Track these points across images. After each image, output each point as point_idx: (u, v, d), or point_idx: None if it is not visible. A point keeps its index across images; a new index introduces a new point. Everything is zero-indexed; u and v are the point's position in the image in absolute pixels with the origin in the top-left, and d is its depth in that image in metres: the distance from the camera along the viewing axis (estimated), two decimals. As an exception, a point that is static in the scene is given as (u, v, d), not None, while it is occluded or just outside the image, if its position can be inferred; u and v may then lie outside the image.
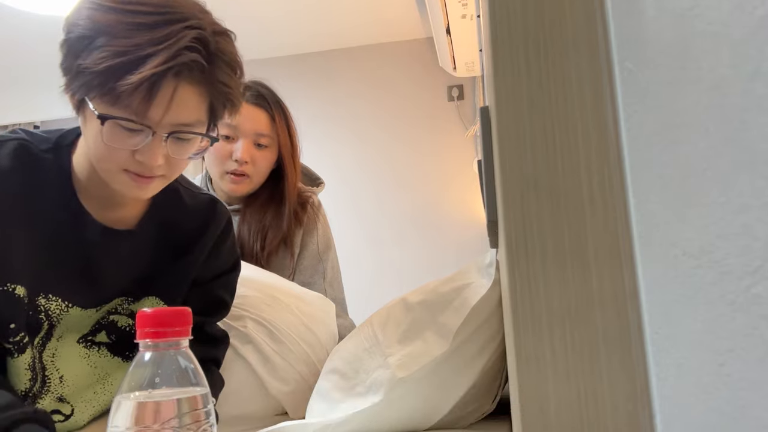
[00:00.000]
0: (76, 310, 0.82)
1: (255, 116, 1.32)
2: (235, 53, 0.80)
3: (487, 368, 0.77)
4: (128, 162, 0.75)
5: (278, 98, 1.39)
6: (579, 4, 0.48)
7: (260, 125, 1.32)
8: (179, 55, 0.69)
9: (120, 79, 0.68)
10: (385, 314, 0.88)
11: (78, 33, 0.69)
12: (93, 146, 0.75)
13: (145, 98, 0.69)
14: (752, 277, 0.27)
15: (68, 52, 0.71)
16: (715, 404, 0.32)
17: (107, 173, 0.77)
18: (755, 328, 0.27)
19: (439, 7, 2.36)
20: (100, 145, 0.73)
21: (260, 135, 1.32)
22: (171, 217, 0.90)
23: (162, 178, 0.79)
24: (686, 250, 0.35)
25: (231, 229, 0.99)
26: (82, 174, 0.82)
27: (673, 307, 0.38)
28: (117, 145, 0.73)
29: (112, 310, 0.87)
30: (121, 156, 0.74)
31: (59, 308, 0.81)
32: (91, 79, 0.69)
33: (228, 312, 1.00)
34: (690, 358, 0.35)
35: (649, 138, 0.40)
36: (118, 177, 0.76)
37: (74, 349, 0.85)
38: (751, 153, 0.26)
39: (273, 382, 1.00)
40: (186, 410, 0.48)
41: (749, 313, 0.27)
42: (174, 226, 0.90)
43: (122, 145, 0.73)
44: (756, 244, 0.26)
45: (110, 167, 0.76)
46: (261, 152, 1.32)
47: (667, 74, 0.36)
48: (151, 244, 0.88)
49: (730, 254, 0.29)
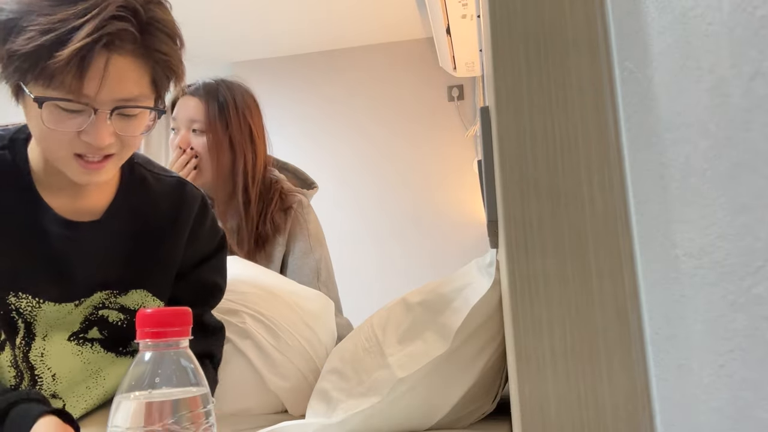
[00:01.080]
0: (50, 306, 0.80)
1: (187, 104, 1.35)
2: (172, 21, 0.77)
3: (487, 368, 0.77)
4: (76, 145, 0.73)
5: (221, 89, 1.37)
6: (579, 4, 0.48)
7: (191, 112, 1.34)
8: (106, 24, 0.67)
9: (50, 57, 0.65)
10: (385, 314, 0.88)
11: (4, 17, 0.67)
12: (38, 133, 0.74)
13: (77, 74, 0.67)
14: (753, 278, 0.27)
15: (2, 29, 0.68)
16: (715, 405, 0.32)
17: (58, 161, 0.75)
18: (756, 329, 0.27)
19: (439, 7, 2.36)
20: (44, 130, 0.71)
21: (193, 121, 1.34)
22: (140, 205, 0.88)
23: (115, 158, 0.76)
24: (687, 251, 0.35)
25: (207, 209, 0.96)
26: (39, 166, 0.80)
27: (674, 307, 0.38)
28: (59, 128, 0.71)
29: (99, 305, 0.85)
30: (66, 140, 0.72)
31: (30, 305, 0.80)
32: (22, 62, 0.67)
33: (222, 295, 0.98)
34: (690, 358, 0.35)
35: (649, 138, 0.40)
36: (69, 164, 0.74)
37: (66, 347, 0.84)
38: (751, 153, 0.26)
39: (272, 378, 0.99)
40: (186, 410, 0.48)
41: (750, 313, 0.27)
42: (144, 213, 0.88)
43: (65, 128, 0.71)
44: (757, 244, 0.26)
45: (59, 154, 0.74)
46: (199, 139, 1.34)
47: (667, 74, 0.36)
48: (122, 235, 0.86)
49: (730, 254, 0.29)
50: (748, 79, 0.26)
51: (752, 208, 0.26)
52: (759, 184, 0.26)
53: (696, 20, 0.31)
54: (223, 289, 0.98)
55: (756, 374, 0.27)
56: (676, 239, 0.36)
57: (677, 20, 0.34)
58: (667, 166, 0.37)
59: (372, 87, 3.59)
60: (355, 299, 2.79)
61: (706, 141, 0.31)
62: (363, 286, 3.17)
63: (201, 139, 1.34)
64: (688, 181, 0.34)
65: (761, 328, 0.26)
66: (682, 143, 0.34)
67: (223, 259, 0.99)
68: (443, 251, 3.33)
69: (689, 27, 0.32)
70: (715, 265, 0.31)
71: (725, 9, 0.28)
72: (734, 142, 0.28)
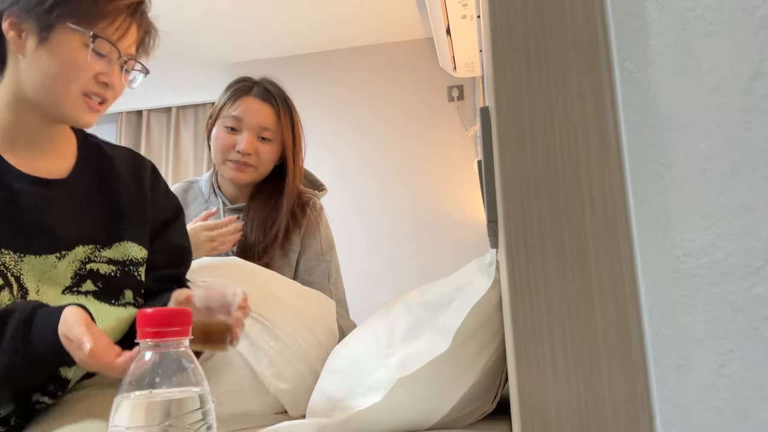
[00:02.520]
0: (31, 258, 0.84)
1: (260, 110, 1.36)
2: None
3: (487, 368, 0.77)
4: (90, 84, 0.86)
5: (286, 96, 1.43)
6: (579, 4, 0.48)
7: (264, 119, 1.36)
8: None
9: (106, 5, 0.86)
10: (385, 314, 0.88)
11: None
12: (56, 72, 0.84)
13: (127, 25, 0.89)
14: (753, 278, 0.27)
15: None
16: (715, 405, 0.32)
17: (66, 100, 0.86)
18: (756, 329, 0.27)
19: (440, 7, 2.36)
20: (69, 68, 0.84)
21: (264, 129, 1.36)
22: (101, 167, 0.96)
23: (108, 104, 0.90)
24: (687, 251, 0.35)
25: (158, 174, 1.05)
26: (2, 126, 0.87)
27: (674, 307, 0.38)
28: (88, 66, 0.85)
29: (85, 259, 0.89)
30: (84, 77, 0.86)
31: (13, 260, 0.83)
32: (82, 6, 0.84)
33: (191, 259, 1.05)
34: (690, 359, 0.35)
35: (649, 138, 0.40)
36: (77, 102, 0.86)
37: (62, 300, 0.86)
38: (751, 153, 0.26)
39: (272, 380, 0.99)
40: (186, 410, 0.48)
41: (750, 313, 0.27)
42: (107, 174, 0.96)
43: (92, 67, 0.86)
44: (757, 244, 0.26)
45: (72, 92, 0.85)
46: (264, 145, 1.37)
47: (667, 75, 0.36)
48: (91, 191, 0.93)
49: (730, 255, 0.29)
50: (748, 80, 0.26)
51: (752, 209, 0.26)
52: (759, 185, 0.26)
53: (696, 21, 0.31)
54: (191, 252, 1.06)
55: (756, 374, 0.27)
56: (676, 239, 0.36)
57: (677, 21, 0.34)
58: (667, 166, 0.37)
59: (372, 87, 3.59)
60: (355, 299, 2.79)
61: (706, 141, 0.31)
62: (363, 286, 3.17)
63: (267, 146, 1.37)
64: (688, 181, 0.34)
65: (761, 328, 0.26)
66: (682, 143, 0.34)
67: (184, 224, 1.07)
68: (443, 251, 3.33)
69: (689, 27, 0.32)
70: (715, 265, 0.31)
71: (725, 9, 0.28)
72: (734, 143, 0.28)
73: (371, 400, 0.74)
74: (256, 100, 1.37)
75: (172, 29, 1.15)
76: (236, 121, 1.35)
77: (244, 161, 1.34)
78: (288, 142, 1.39)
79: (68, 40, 0.84)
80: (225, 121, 1.37)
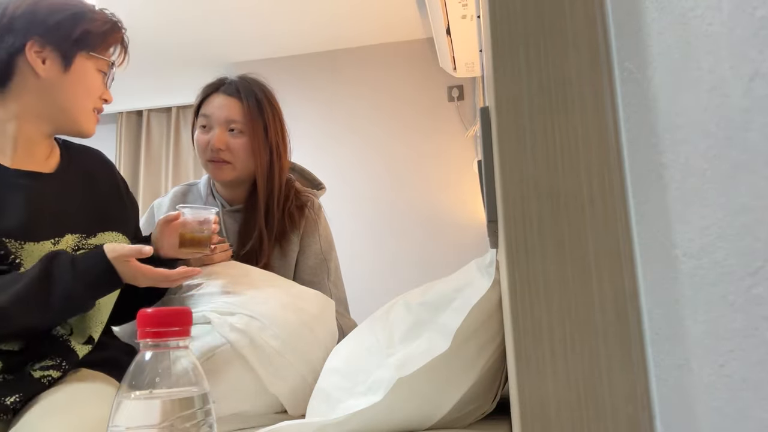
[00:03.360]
0: (30, 245, 0.95)
1: (226, 104, 1.37)
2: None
3: (487, 368, 0.77)
4: (97, 101, 1.07)
5: (258, 90, 1.41)
6: (579, 4, 0.48)
7: (230, 112, 1.37)
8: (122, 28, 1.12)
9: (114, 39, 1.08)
10: (385, 314, 0.88)
11: (78, 10, 1.03)
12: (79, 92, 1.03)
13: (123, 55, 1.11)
14: (753, 278, 0.27)
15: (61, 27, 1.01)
16: (715, 405, 0.32)
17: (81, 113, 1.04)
18: (756, 329, 0.27)
19: (439, 7, 2.36)
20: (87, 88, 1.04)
21: (231, 122, 1.36)
22: (81, 164, 1.10)
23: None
24: (686, 251, 0.35)
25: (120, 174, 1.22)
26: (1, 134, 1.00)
27: (674, 307, 0.38)
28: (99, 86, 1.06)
29: (75, 247, 1.00)
30: (95, 95, 1.06)
31: (14, 247, 0.93)
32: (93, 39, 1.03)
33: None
34: (690, 359, 0.35)
35: (649, 138, 0.40)
36: (89, 115, 1.06)
37: None
38: (751, 154, 0.26)
39: (272, 380, 0.99)
40: (186, 410, 0.48)
41: (750, 313, 0.27)
42: (87, 170, 1.10)
43: (101, 86, 1.07)
44: (757, 244, 0.26)
45: (87, 107, 1.05)
46: (235, 139, 1.36)
47: (667, 75, 0.36)
48: (75, 185, 1.06)
49: (730, 255, 0.29)
50: (747, 80, 0.26)
51: (752, 209, 0.26)
52: (759, 185, 0.26)
53: (696, 21, 0.31)
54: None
55: (756, 374, 0.27)
56: (676, 239, 0.36)
57: (677, 21, 0.34)
58: (667, 166, 0.37)
59: (372, 87, 3.59)
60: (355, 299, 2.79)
61: (706, 141, 0.31)
62: (363, 286, 3.17)
63: (238, 140, 1.36)
64: (688, 181, 0.34)
65: (761, 328, 0.26)
66: (682, 143, 0.34)
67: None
68: (443, 251, 3.33)
69: (689, 27, 0.32)
70: (714, 265, 0.31)
71: (725, 10, 0.28)
72: (734, 143, 0.28)
73: (371, 399, 0.74)
74: (223, 96, 1.38)
75: (172, 29, 1.16)
76: (206, 118, 1.37)
77: (220, 158, 1.35)
78: (259, 135, 1.37)
79: (87, 66, 1.03)
80: (198, 121, 1.40)
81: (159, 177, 4.00)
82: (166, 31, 3.16)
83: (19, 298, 0.85)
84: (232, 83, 1.40)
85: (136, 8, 2.93)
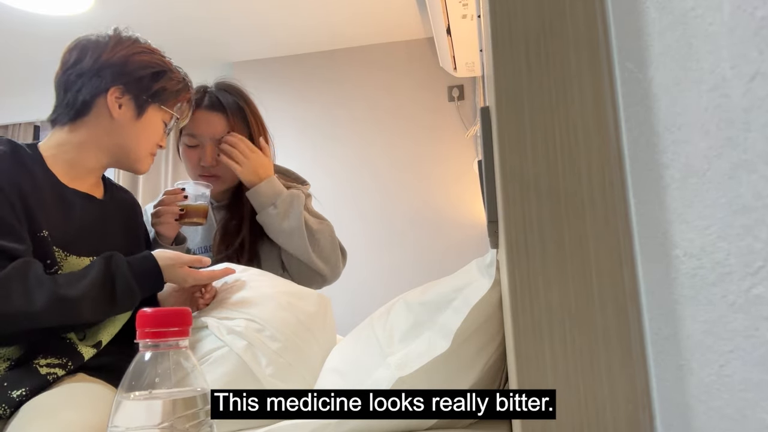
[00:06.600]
0: (73, 258, 1.04)
1: (210, 121, 1.41)
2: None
3: (487, 368, 0.77)
4: (155, 147, 1.20)
5: (238, 98, 1.45)
6: (579, 4, 0.48)
7: (216, 128, 1.41)
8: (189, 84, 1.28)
9: (184, 97, 1.24)
10: (385, 314, 0.88)
11: (159, 69, 1.18)
12: (145, 138, 1.17)
13: (187, 109, 1.28)
14: (753, 278, 0.27)
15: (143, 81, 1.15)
16: (715, 405, 0.32)
17: (141, 156, 1.18)
18: (756, 329, 0.27)
19: (440, 7, 2.36)
20: (151, 136, 1.18)
21: (218, 140, 1.41)
22: (123, 202, 1.23)
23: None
24: (687, 251, 0.35)
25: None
26: (57, 162, 1.10)
27: (674, 307, 0.38)
28: (160, 134, 1.20)
29: None
30: (155, 141, 1.20)
31: (60, 257, 1.02)
32: (168, 95, 1.19)
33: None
34: (690, 359, 0.35)
35: (649, 138, 0.40)
36: (147, 158, 1.19)
37: None
38: (751, 154, 0.26)
39: (271, 381, 0.99)
40: (186, 410, 0.48)
41: (750, 314, 0.27)
42: (123, 203, 1.23)
43: (161, 134, 1.21)
44: (757, 245, 0.26)
45: (146, 151, 1.18)
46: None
47: (667, 75, 0.36)
48: (115, 213, 1.18)
49: (731, 255, 0.29)
50: (748, 80, 0.26)
51: (752, 209, 0.26)
52: (759, 185, 0.26)
53: (696, 21, 0.31)
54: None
55: (756, 375, 0.27)
56: (676, 239, 0.36)
57: (678, 21, 0.34)
58: (667, 166, 0.37)
59: (372, 87, 3.59)
60: (355, 299, 2.79)
61: (706, 141, 0.31)
62: (363, 285, 3.17)
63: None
64: (688, 181, 0.34)
65: (761, 329, 0.26)
66: (682, 143, 0.34)
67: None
68: (443, 251, 3.33)
69: (690, 27, 0.32)
70: (715, 265, 0.31)
71: (725, 10, 0.28)
72: (734, 143, 0.28)
73: (371, 400, 0.74)
74: (207, 112, 1.41)
75: (171, 29, 1.17)
76: (192, 137, 1.42)
77: (210, 173, 1.41)
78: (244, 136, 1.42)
79: (155, 117, 1.18)
80: (184, 139, 1.44)
81: (158, 177, 4.01)
82: (165, 30, 3.16)
83: (88, 292, 0.94)
84: (212, 95, 1.43)
85: (136, 7, 2.93)
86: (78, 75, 1.12)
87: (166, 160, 3.98)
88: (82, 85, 1.12)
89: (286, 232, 1.37)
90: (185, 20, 3.13)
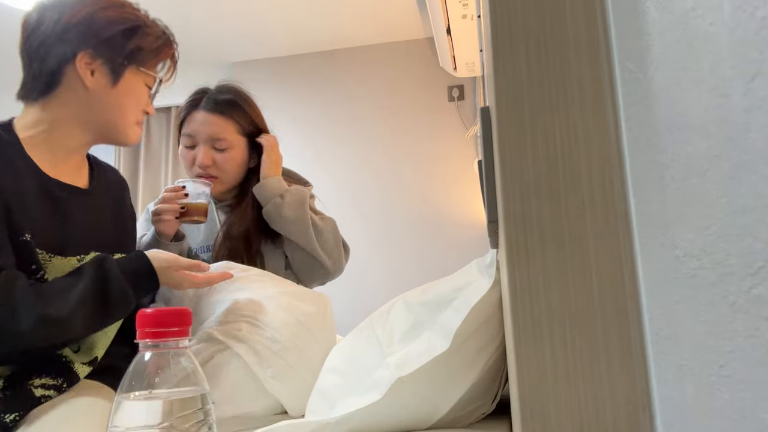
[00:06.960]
0: (58, 259, 0.96)
1: (209, 121, 1.41)
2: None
3: (487, 368, 0.77)
4: (140, 114, 1.08)
5: (236, 100, 1.45)
6: (579, 4, 0.48)
7: (214, 130, 1.41)
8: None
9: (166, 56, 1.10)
10: (385, 314, 0.88)
11: (131, 25, 1.02)
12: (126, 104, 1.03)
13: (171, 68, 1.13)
14: (753, 278, 0.27)
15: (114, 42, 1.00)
16: (715, 405, 0.32)
17: (127, 125, 1.05)
18: (756, 329, 0.27)
19: (440, 7, 2.36)
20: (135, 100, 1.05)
21: (216, 139, 1.41)
22: (106, 181, 1.13)
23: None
24: (687, 251, 0.35)
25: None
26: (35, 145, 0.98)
27: (674, 308, 0.38)
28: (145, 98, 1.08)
29: None
30: (140, 108, 1.07)
31: (44, 259, 0.94)
32: (146, 54, 1.04)
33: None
34: (691, 359, 0.35)
35: (649, 138, 0.40)
36: (133, 126, 1.07)
37: None
38: (752, 154, 0.26)
39: (271, 381, 0.99)
40: (186, 410, 0.48)
41: (750, 314, 0.27)
42: (110, 188, 1.13)
43: (146, 99, 1.08)
44: (757, 245, 0.26)
45: (131, 119, 1.06)
46: (221, 154, 1.42)
47: (668, 75, 0.36)
48: (102, 202, 1.09)
49: (731, 255, 0.29)
50: (748, 80, 0.26)
51: (753, 209, 0.26)
52: (759, 185, 0.25)
53: (696, 21, 0.31)
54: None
55: (756, 375, 0.27)
56: (676, 239, 0.36)
57: (678, 21, 0.34)
58: (667, 166, 0.37)
59: (372, 87, 3.59)
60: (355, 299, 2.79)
61: (707, 141, 0.31)
62: (363, 285, 3.17)
63: (224, 155, 1.41)
64: (689, 181, 0.34)
65: (761, 329, 0.26)
66: (682, 143, 0.34)
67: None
68: (443, 251, 3.33)
69: (690, 27, 0.32)
70: (715, 265, 0.31)
71: (726, 10, 0.28)
72: (735, 143, 0.28)
73: (370, 399, 0.74)
74: (205, 113, 1.41)
75: (172, 29, 1.15)
76: (190, 138, 1.42)
77: (207, 173, 1.41)
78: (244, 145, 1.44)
79: (136, 80, 1.04)
80: (182, 140, 1.44)
81: (158, 177, 4.00)
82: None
83: (79, 303, 0.86)
84: (211, 97, 1.43)
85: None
86: (40, 42, 0.97)
87: (166, 160, 3.98)
88: (46, 54, 0.96)
89: (291, 220, 1.37)
90: (185, 20, 3.13)
